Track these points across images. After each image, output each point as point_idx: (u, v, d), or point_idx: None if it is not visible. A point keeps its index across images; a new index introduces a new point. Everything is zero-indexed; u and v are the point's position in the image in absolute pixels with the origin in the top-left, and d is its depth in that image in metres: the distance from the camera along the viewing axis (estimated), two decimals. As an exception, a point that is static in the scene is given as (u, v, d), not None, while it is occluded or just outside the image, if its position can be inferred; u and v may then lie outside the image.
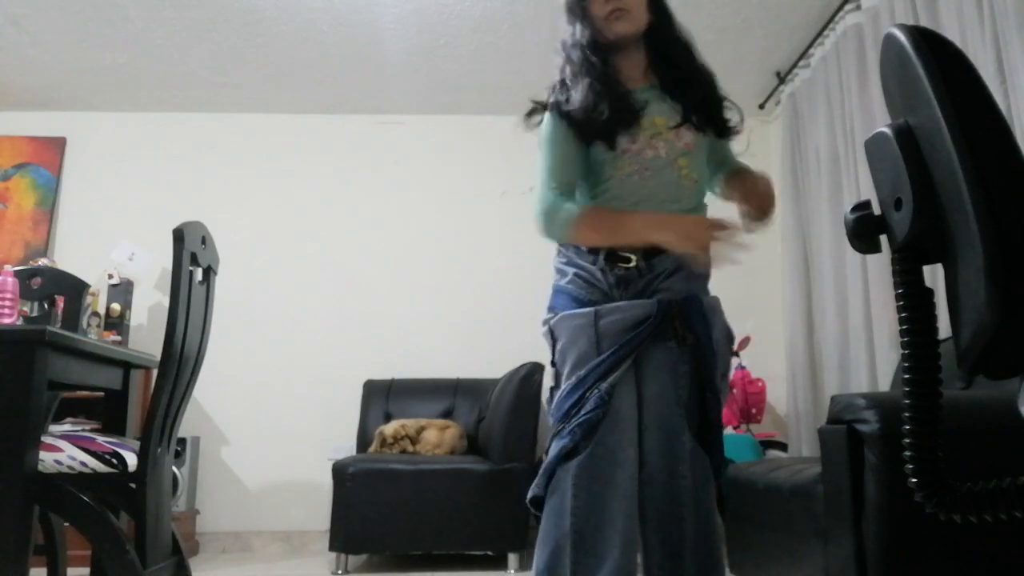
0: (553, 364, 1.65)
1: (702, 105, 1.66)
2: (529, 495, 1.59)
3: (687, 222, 1.56)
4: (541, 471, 1.57)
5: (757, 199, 1.65)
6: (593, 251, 1.62)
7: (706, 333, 1.59)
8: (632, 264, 1.59)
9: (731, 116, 1.71)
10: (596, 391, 1.51)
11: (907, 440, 0.72)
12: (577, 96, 1.60)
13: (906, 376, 0.73)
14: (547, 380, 1.70)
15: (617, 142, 1.60)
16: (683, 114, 1.63)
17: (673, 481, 1.52)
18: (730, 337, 1.66)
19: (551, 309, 1.67)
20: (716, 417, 1.61)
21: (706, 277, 1.68)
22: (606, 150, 1.61)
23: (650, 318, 1.54)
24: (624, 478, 1.50)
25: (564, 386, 1.57)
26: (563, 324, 1.60)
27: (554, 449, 1.54)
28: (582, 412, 1.51)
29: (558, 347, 1.62)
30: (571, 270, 1.64)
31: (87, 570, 2.17)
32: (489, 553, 3.28)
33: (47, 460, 1.83)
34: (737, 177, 1.76)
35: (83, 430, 2.33)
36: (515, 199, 4.29)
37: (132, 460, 1.88)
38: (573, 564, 1.47)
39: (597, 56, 1.62)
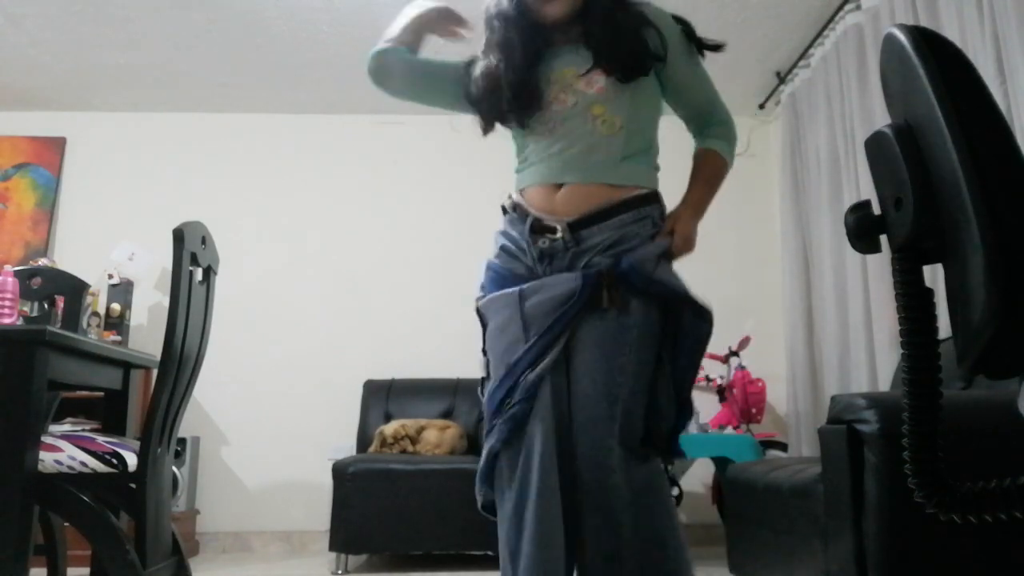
0: (484, 352, 1.55)
1: (617, 43, 1.49)
2: (479, 502, 1.51)
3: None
4: (478, 474, 1.48)
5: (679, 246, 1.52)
6: (523, 218, 1.51)
7: (660, 288, 1.43)
8: (557, 236, 1.46)
9: (655, 45, 1.51)
10: (525, 381, 1.41)
11: (907, 440, 0.72)
12: (480, 83, 1.56)
13: (906, 376, 0.73)
14: (479, 370, 1.60)
15: (522, 122, 1.54)
16: (594, 59, 1.48)
17: (604, 493, 1.37)
18: (677, 291, 1.46)
19: (481, 288, 1.58)
20: (679, 391, 1.46)
21: (661, 255, 1.47)
22: (516, 127, 1.57)
23: (574, 295, 1.40)
24: (539, 479, 1.38)
25: (494, 377, 1.48)
26: (491, 307, 1.52)
27: (485, 447, 1.46)
28: (512, 404, 1.42)
29: (487, 334, 1.53)
30: (500, 240, 1.57)
31: (87, 570, 2.17)
32: (489, 553, 3.28)
33: (47, 460, 1.83)
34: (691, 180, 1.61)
35: (83, 430, 2.33)
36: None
37: (132, 460, 1.88)
38: None
39: (522, 25, 1.53)
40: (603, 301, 1.41)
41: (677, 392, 1.46)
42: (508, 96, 1.52)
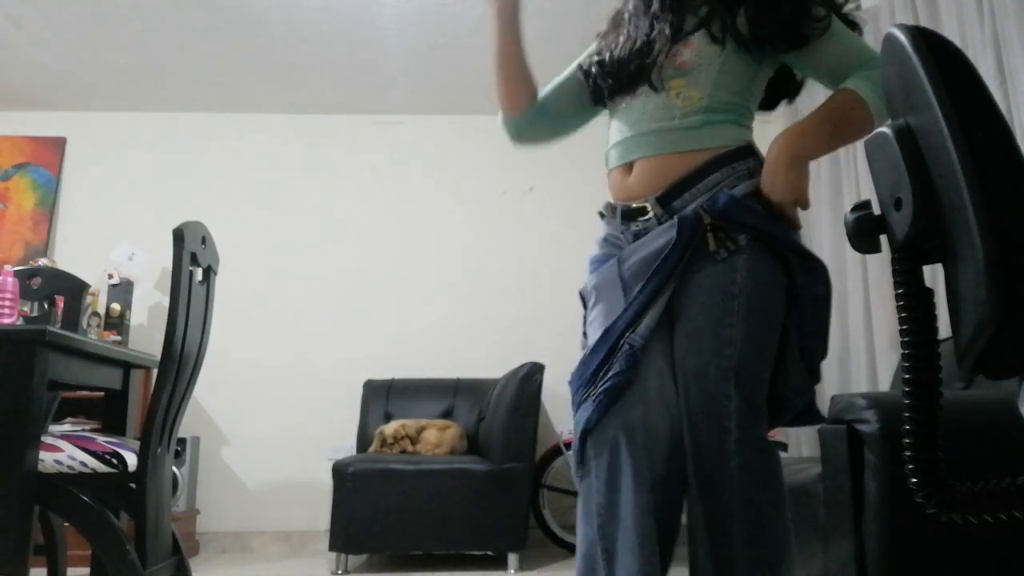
0: (584, 335, 1.42)
1: (764, 11, 1.29)
2: (573, 473, 1.35)
3: None
4: (573, 449, 1.33)
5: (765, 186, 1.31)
6: (611, 213, 1.42)
7: (771, 227, 1.27)
8: (648, 215, 1.34)
9: (809, 26, 1.28)
10: (626, 347, 1.26)
11: (907, 440, 0.72)
12: (614, 48, 1.44)
13: (906, 376, 0.73)
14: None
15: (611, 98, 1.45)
16: (689, 24, 1.34)
17: (717, 467, 1.23)
18: (779, 235, 1.30)
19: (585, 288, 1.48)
20: (809, 363, 1.30)
21: (754, 193, 1.30)
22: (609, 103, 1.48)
23: (671, 241, 1.26)
24: (643, 465, 1.24)
25: (589, 343, 1.34)
26: (591, 287, 1.41)
27: (579, 421, 1.29)
28: (608, 375, 1.26)
29: (588, 317, 1.41)
30: (601, 241, 1.46)
31: (87, 570, 2.17)
32: (489, 553, 3.28)
33: (47, 460, 1.83)
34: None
35: (83, 430, 2.33)
36: (515, 199, 4.29)
37: (132, 460, 1.88)
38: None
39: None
40: (709, 244, 1.26)
41: (807, 364, 1.31)
42: (624, 79, 1.41)
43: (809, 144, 1.29)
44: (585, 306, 1.44)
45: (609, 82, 1.44)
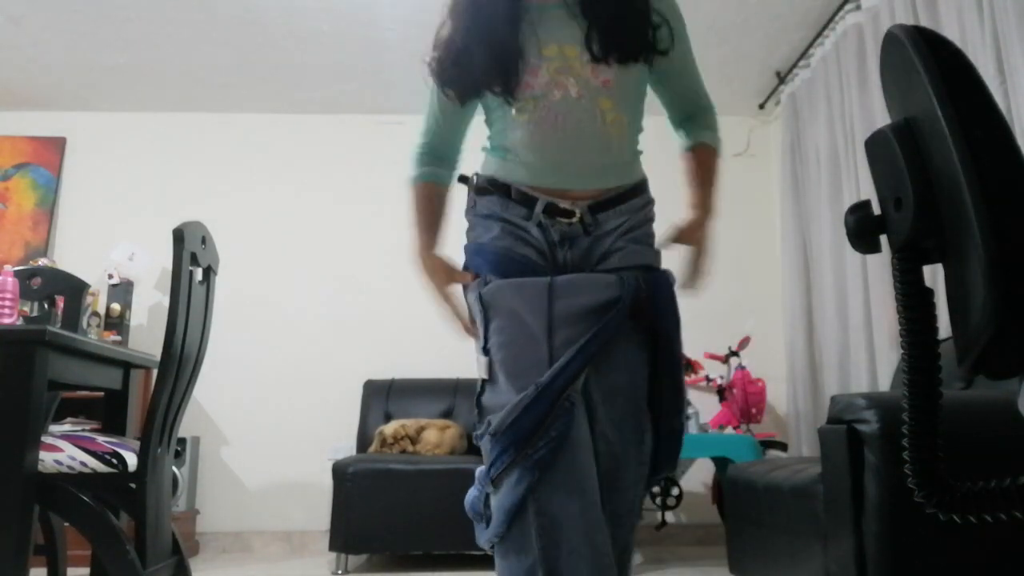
0: (486, 351, 1.30)
1: (636, 29, 1.32)
2: (488, 539, 1.29)
3: (433, 277, 1.47)
4: (500, 511, 1.24)
5: (696, 267, 1.42)
6: (526, 201, 1.34)
7: (672, 323, 1.34)
8: (575, 219, 1.33)
9: (656, 35, 1.34)
10: (566, 403, 1.21)
11: (907, 440, 0.72)
12: (445, 47, 1.39)
13: (906, 376, 0.73)
14: (476, 372, 1.34)
15: (511, 92, 1.33)
16: (601, 44, 1.30)
17: (623, 554, 1.30)
18: (677, 327, 1.38)
19: (473, 272, 1.38)
20: (676, 423, 1.36)
21: (653, 241, 1.43)
22: (501, 98, 1.35)
23: (618, 302, 1.26)
24: (590, 548, 1.19)
25: (507, 388, 1.24)
26: (503, 298, 1.29)
27: (515, 484, 1.20)
28: (551, 430, 1.20)
29: (494, 328, 1.29)
30: (496, 224, 1.37)
31: (87, 570, 2.17)
32: (489, 553, 3.28)
33: (47, 460, 1.83)
34: (691, 195, 1.48)
35: (83, 430, 2.33)
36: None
37: (132, 460, 1.88)
38: None
39: None
40: (638, 319, 1.30)
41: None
42: (485, 61, 1.33)
43: (715, 211, 1.47)
44: (486, 315, 1.31)
45: (493, 68, 1.34)
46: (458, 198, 1.55)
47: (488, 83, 1.35)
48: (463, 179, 1.52)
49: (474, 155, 1.54)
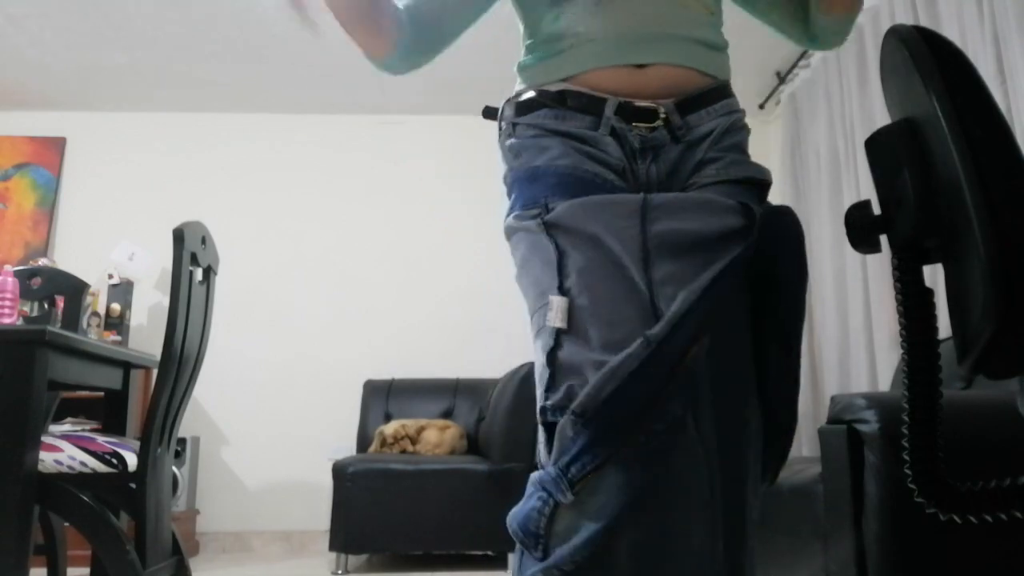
0: (562, 290, 0.91)
1: None
2: (543, 568, 0.83)
3: None
4: (583, 533, 0.81)
5: None
6: (590, 106, 1.01)
7: (795, 271, 1.00)
8: (658, 122, 1.02)
9: None
10: (685, 376, 0.84)
11: (907, 440, 0.72)
12: None
13: (906, 376, 0.73)
14: (538, 327, 0.95)
15: None
16: None
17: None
18: (803, 279, 1.03)
19: (526, 206, 0.98)
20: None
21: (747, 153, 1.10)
22: None
23: (742, 233, 0.91)
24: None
25: (619, 354, 0.83)
26: (580, 220, 0.92)
27: (615, 492, 0.80)
28: (669, 409, 0.83)
29: (571, 260, 0.91)
30: (553, 141, 1.01)
31: (87, 570, 2.17)
32: (489, 553, 3.28)
33: (47, 460, 1.83)
34: None
35: (83, 430, 2.33)
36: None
37: (132, 460, 1.88)
38: None
39: None
40: (753, 261, 0.94)
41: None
42: None
43: None
44: (557, 246, 0.93)
45: None
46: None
47: None
48: (489, 112, 1.14)
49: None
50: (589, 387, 0.83)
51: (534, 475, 0.89)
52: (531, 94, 1.06)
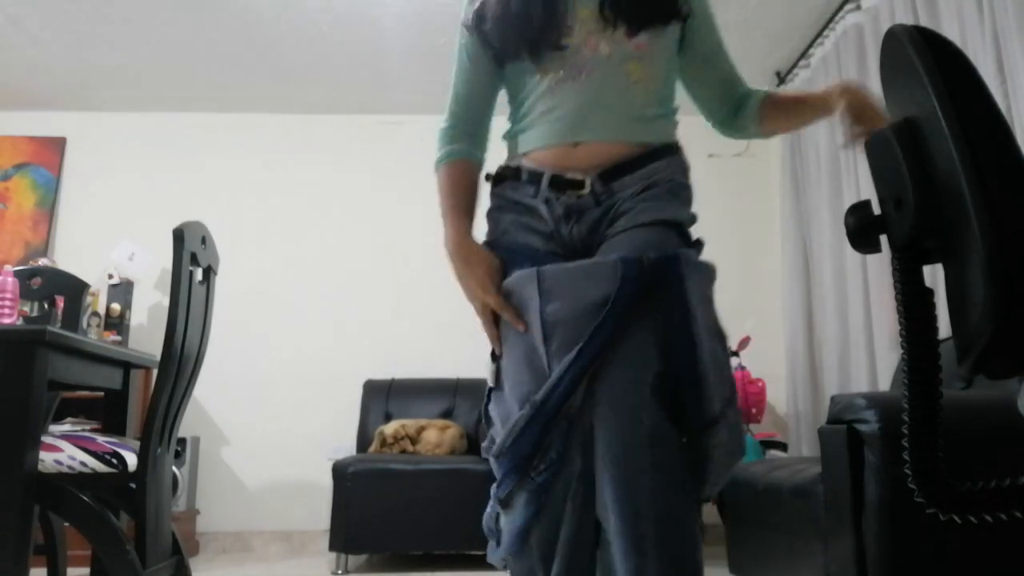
0: (494, 356, 1.24)
1: None
2: (500, 558, 1.23)
3: (470, 269, 1.25)
4: (509, 534, 1.18)
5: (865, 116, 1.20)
6: (533, 178, 1.26)
7: (681, 312, 1.11)
8: (585, 190, 1.23)
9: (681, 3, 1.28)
10: (564, 424, 1.10)
11: (907, 440, 0.72)
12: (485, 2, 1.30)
13: (906, 376, 0.73)
14: (487, 374, 1.27)
15: (539, 52, 1.26)
16: (633, 13, 1.24)
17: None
18: (717, 329, 1.17)
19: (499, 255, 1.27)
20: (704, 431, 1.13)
21: (683, 194, 1.28)
22: (530, 61, 1.28)
23: (609, 301, 1.09)
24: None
25: (509, 404, 1.16)
26: (512, 295, 1.20)
27: (523, 507, 1.14)
28: (550, 452, 1.11)
29: (502, 331, 1.23)
30: (505, 216, 1.29)
31: (87, 570, 2.17)
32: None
33: (47, 460, 1.83)
34: (799, 106, 1.37)
35: (83, 430, 2.33)
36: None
37: (132, 460, 1.88)
38: None
39: None
40: (642, 309, 1.10)
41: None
42: (524, 17, 1.26)
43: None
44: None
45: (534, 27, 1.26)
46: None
47: (525, 37, 1.27)
48: (488, 177, 1.40)
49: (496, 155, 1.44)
50: (499, 438, 1.17)
51: (492, 488, 1.22)
52: (500, 169, 1.34)
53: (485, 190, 1.40)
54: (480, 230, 1.34)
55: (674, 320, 1.11)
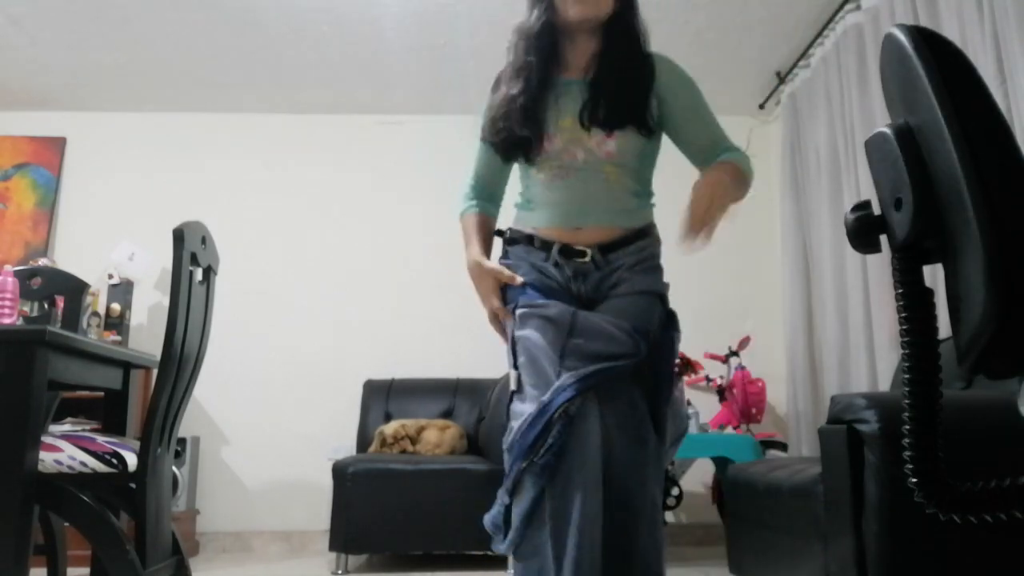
0: (515, 367, 1.55)
1: (632, 105, 1.58)
2: (508, 545, 1.48)
3: (482, 282, 1.66)
4: (519, 517, 1.45)
5: (693, 208, 1.49)
6: (544, 246, 1.61)
7: (666, 378, 1.55)
8: (587, 259, 1.59)
9: (650, 115, 1.61)
10: (564, 416, 1.42)
11: (907, 440, 0.72)
12: (492, 113, 1.67)
13: (906, 376, 0.73)
14: (510, 382, 1.58)
15: (529, 155, 1.62)
16: (589, 117, 1.57)
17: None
18: (671, 367, 1.60)
19: (512, 301, 1.61)
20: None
21: (660, 270, 1.65)
22: (527, 164, 1.66)
23: (623, 359, 1.47)
24: (577, 545, 1.39)
25: (528, 411, 1.46)
26: (535, 318, 1.53)
27: (529, 488, 1.43)
28: (550, 439, 1.41)
29: (522, 341, 1.53)
30: (523, 264, 1.64)
31: (87, 570, 2.17)
32: (489, 553, 3.28)
33: (47, 460, 1.83)
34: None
35: (83, 430, 2.33)
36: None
37: (132, 460, 1.88)
38: None
39: (542, 44, 1.62)
40: (639, 369, 1.51)
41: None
42: (518, 129, 1.61)
43: (723, 195, 1.50)
44: (514, 339, 1.56)
45: (520, 137, 1.62)
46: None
47: (517, 144, 1.63)
48: (499, 232, 1.76)
49: (507, 211, 1.79)
50: (511, 433, 1.48)
51: (500, 491, 1.52)
52: (512, 233, 1.70)
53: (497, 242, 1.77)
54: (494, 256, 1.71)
55: (660, 368, 1.55)
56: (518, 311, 1.57)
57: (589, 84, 1.60)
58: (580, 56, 1.64)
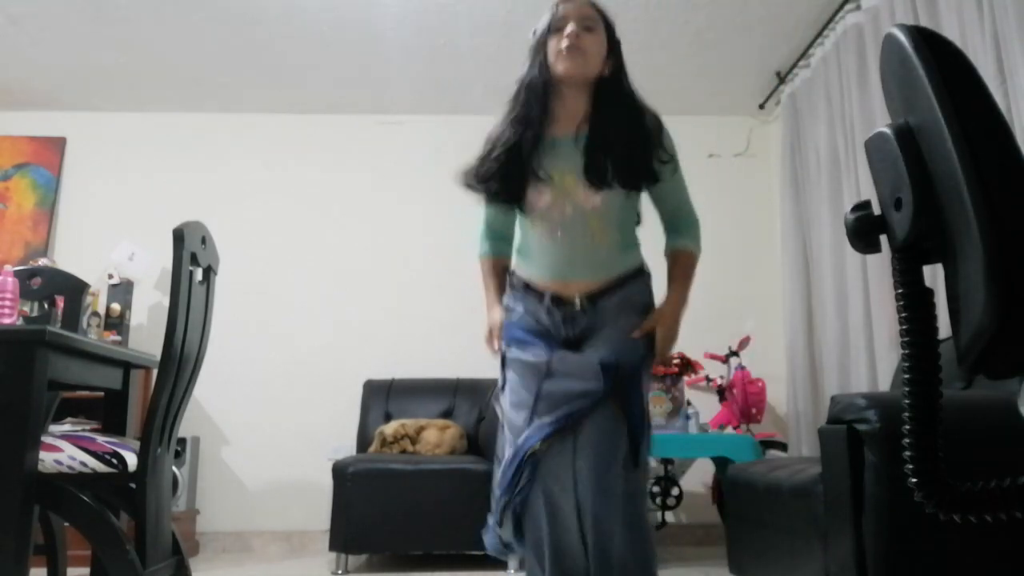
0: (499, 401, 1.78)
1: (624, 163, 1.68)
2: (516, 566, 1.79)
3: (488, 324, 1.87)
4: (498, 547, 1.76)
5: (661, 348, 1.77)
6: (538, 295, 1.76)
7: (636, 407, 1.68)
8: (576, 307, 1.73)
9: (658, 167, 1.72)
10: (530, 460, 1.63)
11: (907, 440, 0.72)
12: (484, 165, 1.80)
13: (906, 376, 0.73)
14: (499, 410, 1.80)
15: (521, 206, 1.76)
16: (596, 175, 1.68)
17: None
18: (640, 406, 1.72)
19: (506, 341, 1.80)
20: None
21: (647, 307, 1.79)
22: (522, 214, 1.79)
23: (589, 395, 1.63)
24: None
25: (507, 453, 1.68)
26: (517, 364, 1.74)
27: (507, 527, 1.70)
28: (522, 479, 1.64)
29: (508, 386, 1.74)
30: (519, 306, 1.79)
31: (87, 570, 2.17)
32: (489, 553, 3.28)
33: (47, 460, 1.83)
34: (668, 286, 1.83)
35: (83, 430, 2.33)
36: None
37: (132, 460, 1.88)
38: None
39: (538, 100, 1.71)
40: (610, 402, 1.66)
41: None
42: (511, 181, 1.73)
43: (685, 303, 1.80)
44: (505, 377, 1.78)
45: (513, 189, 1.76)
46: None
47: (502, 201, 1.79)
48: (508, 273, 1.92)
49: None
50: (498, 468, 1.73)
51: (488, 516, 1.78)
52: (514, 279, 1.85)
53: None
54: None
55: (632, 397, 1.69)
56: (506, 354, 1.78)
57: (587, 142, 1.69)
58: (569, 113, 1.73)
